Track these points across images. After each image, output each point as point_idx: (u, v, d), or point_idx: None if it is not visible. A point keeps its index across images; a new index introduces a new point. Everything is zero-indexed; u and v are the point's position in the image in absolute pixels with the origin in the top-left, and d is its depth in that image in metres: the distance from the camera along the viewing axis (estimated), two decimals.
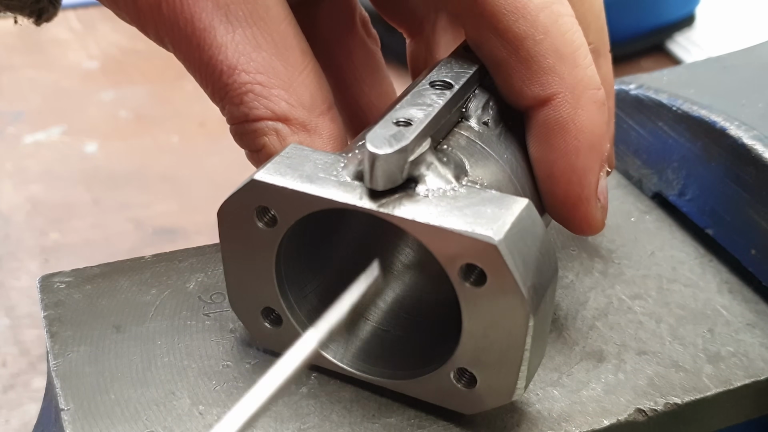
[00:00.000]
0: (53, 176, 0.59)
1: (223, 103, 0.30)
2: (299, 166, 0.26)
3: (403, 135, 0.24)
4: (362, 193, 0.25)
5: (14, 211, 0.55)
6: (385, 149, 0.24)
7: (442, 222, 0.24)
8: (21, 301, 0.48)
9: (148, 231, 0.53)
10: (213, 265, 0.33)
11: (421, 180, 0.25)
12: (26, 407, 0.43)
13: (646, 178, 0.40)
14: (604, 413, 0.29)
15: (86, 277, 0.32)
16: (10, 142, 0.62)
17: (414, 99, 0.27)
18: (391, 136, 0.24)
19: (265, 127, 0.29)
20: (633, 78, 0.40)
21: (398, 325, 0.30)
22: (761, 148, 0.34)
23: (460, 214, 0.24)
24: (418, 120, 0.26)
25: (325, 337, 0.24)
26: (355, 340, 0.29)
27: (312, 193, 0.25)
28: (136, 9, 0.29)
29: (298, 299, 0.28)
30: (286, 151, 0.27)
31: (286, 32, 0.30)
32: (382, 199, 0.25)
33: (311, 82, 0.30)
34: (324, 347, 0.28)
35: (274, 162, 0.26)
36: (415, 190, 0.25)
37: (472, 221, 0.24)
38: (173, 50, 0.30)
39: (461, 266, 0.24)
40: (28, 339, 0.46)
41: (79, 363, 0.29)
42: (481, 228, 0.23)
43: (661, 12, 0.73)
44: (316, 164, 0.26)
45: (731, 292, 0.35)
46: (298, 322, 0.28)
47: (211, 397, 0.28)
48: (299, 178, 0.25)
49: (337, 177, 0.25)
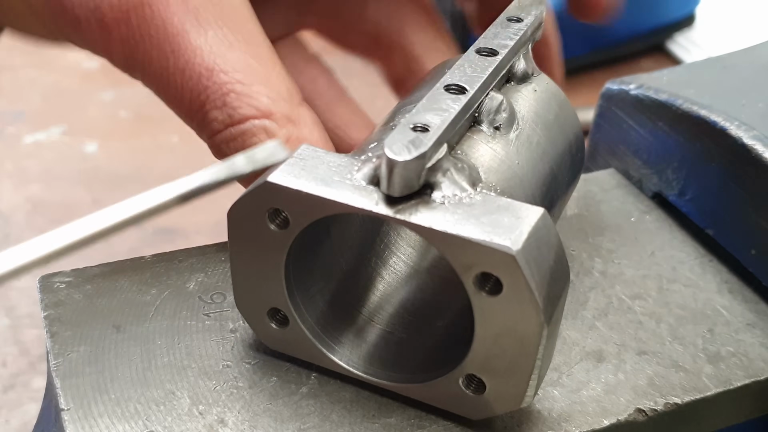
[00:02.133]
0: (53, 176, 0.59)
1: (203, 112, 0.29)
2: (313, 169, 0.26)
3: (422, 141, 0.24)
4: (378, 198, 0.25)
5: (14, 211, 0.55)
6: (404, 155, 0.24)
7: (459, 230, 0.24)
8: (21, 301, 0.48)
9: (148, 231, 0.53)
10: (213, 265, 0.33)
11: (437, 186, 0.25)
12: (26, 407, 0.43)
13: (646, 178, 0.40)
14: (604, 413, 0.29)
15: (86, 277, 0.32)
16: (10, 142, 0.62)
17: (429, 104, 0.26)
18: (410, 142, 0.24)
19: (253, 126, 0.29)
20: (633, 78, 0.40)
21: (404, 327, 0.30)
22: (761, 148, 0.34)
23: (477, 223, 0.24)
24: (435, 126, 0.25)
25: (185, 193, 0.25)
26: (362, 343, 0.29)
27: (327, 197, 0.25)
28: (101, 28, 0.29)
29: (304, 300, 0.28)
30: (299, 152, 0.26)
31: (254, 31, 0.30)
32: (399, 204, 0.24)
33: (285, 75, 0.30)
34: (332, 349, 0.28)
35: (288, 164, 0.26)
36: (431, 197, 0.25)
37: (490, 230, 0.23)
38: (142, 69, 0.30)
39: (477, 274, 0.24)
40: (28, 339, 0.46)
41: (79, 363, 0.29)
42: (499, 238, 0.23)
43: (661, 12, 0.73)
44: (329, 167, 0.26)
45: (731, 292, 0.35)
46: (305, 322, 0.28)
47: (211, 397, 0.28)
48: (314, 180, 0.25)
49: (352, 181, 0.25)
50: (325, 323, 0.29)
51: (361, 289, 0.31)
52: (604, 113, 0.41)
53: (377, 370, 0.28)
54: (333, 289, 0.29)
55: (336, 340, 0.29)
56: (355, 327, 0.29)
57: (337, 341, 0.29)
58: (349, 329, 0.29)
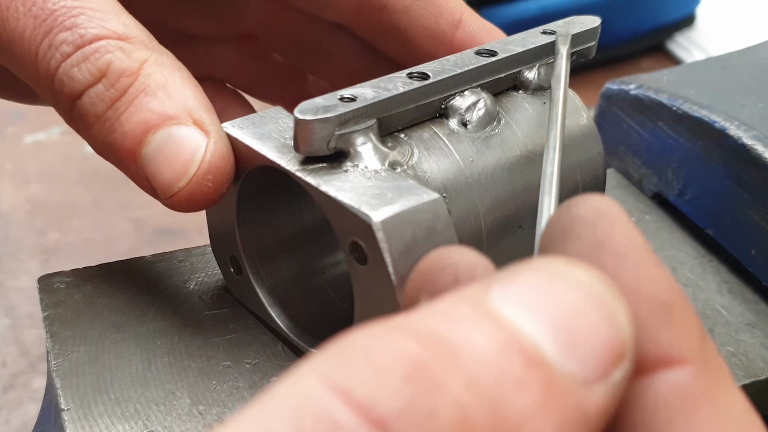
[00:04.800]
0: (53, 176, 0.59)
1: (51, 37, 0.26)
2: (263, 125, 0.27)
3: (336, 108, 0.25)
4: (293, 156, 0.26)
5: (14, 211, 0.55)
6: (307, 116, 0.24)
7: (340, 196, 0.24)
8: (21, 301, 0.48)
9: (148, 231, 0.53)
10: (213, 265, 0.33)
11: (351, 156, 0.25)
12: (26, 407, 0.43)
13: (646, 178, 0.40)
14: None
15: (86, 277, 0.32)
16: (10, 142, 0.62)
17: (378, 82, 0.27)
18: (324, 107, 0.25)
19: (107, 44, 0.27)
20: (633, 78, 0.40)
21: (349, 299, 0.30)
22: (761, 148, 0.34)
23: (361, 193, 0.24)
24: (364, 98, 0.26)
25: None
26: (307, 309, 0.30)
27: (253, 147, 0.26)
28: None
29: (261, 254, 0.29)
30: (266, 111, 0.28)
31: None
32: (308, 165, 0.25)
33: (137, 22, 0.28)
34: (276, 309, 0.30)
35: (247, 117, 0.27)
36: (341, 164, 0.25)
37: (366, 201, 0.23)
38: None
39: (350, 242, 0.24)
40: (28, 339, 0.46)
41: (79, 363, 0.29)
42: (368, 207, 0.23)
43: (661, 12, 0.73)
44: (278, 126, 0.27)
45: (731, 292, 0.35)
46: (255, 274, 0.29)
47: (211, 397, 0.28)
48: (253, 135, 0.27)
49: (285, 140, 0.26)
50: (279, 283, 0.30)
51: (317, 258, 0.31)
52: (604, 113, 0.41)
53: (313, 340, 0.29)
54: (289, 250, 0.30)
55: (285, 303, 0.29)
56: (305, 292, 0.30)
57: (286, 303, 0.29)
58: (299, 294, 0.30)
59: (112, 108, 0.27)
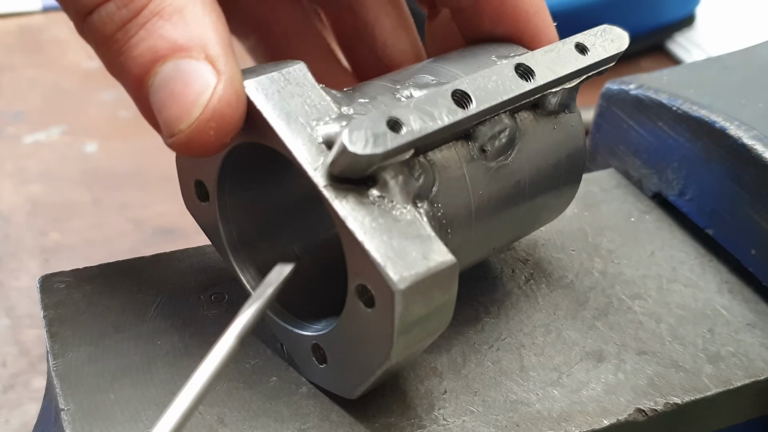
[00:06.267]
0: (53, 176, 0.59)
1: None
2: (289, 97, 0.25)
3: (385, 140, 0.23)
4: (322, 163, 0.24)
5: (14, 211, 0.55)
6: (358, 148, 0.23)
7: (365, 240, 0.23)
8: (21, 301, 0.48)
9: (148, 231, 0.53)
10: (213, 265, 0.33)
11: (379, 182, 0.24)
12: (26, 407, 0.43)
13: (646, 178, 0.40)
14: (604, 413, 0.29)
15: (86, 277, 0.32)
16: (10, 142, 0.62)
17: (425, 102, 0.25)
18: (374, 136, 0.23)
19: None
20: (633, 78, 0.40)
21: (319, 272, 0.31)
22: (761, 148, 0.34)
23: (386, 241, 0.24)
24: (410, 131, 0.24)
25: (242, 334, 0.23)
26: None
27: (279, 134, 0.24)
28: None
29: (234, 190, 0.29)
30: (289, 70, 0.26)
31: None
32: (335, 181, 0.24)
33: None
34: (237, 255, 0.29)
35: (269, 77, 0.25)
36: (368, 191, 0.24)
37: (393, 256, 0.23)
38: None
39: (361, 284, 0.24)
40: (28, 339, 0.46)
41: (79, 363, 0.29)
42: (394, 268, 0.23)
43: (661, 12, 0.73)
44: (304, 102, 0.25)
45: (731, 292, 0.35)
46: (221, 206, 0.29)
47: (211, 397, 0.28)
48: (279, 109, 0.25)
49: (313, 130, 0.25)
50: (249, 238, 0.30)
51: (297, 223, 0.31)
52: (604, 113, 0.41)
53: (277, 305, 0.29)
54: (264, 200, 0.30)
55: (252, 257, 0.30)
56: (275, 255, 0.30)
57: (252, 258, 0.30)
58: (268, 256, 0.30)
59: (123, 30, 0.25)
